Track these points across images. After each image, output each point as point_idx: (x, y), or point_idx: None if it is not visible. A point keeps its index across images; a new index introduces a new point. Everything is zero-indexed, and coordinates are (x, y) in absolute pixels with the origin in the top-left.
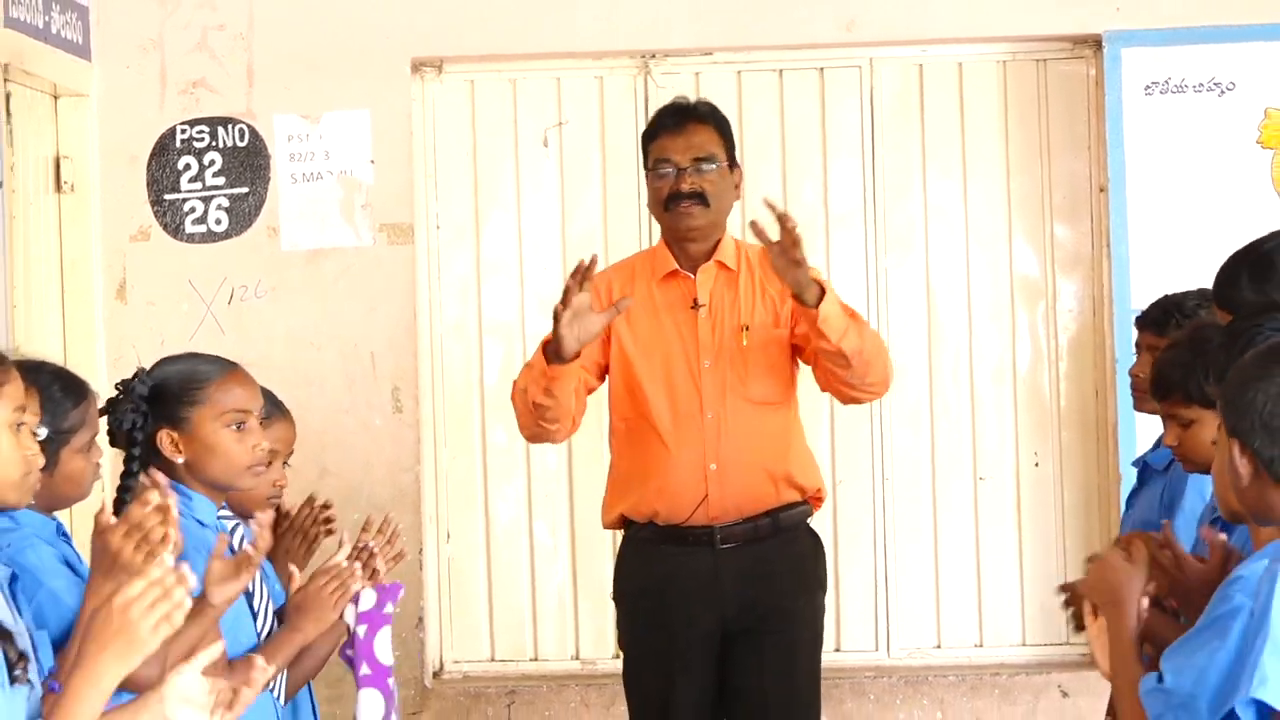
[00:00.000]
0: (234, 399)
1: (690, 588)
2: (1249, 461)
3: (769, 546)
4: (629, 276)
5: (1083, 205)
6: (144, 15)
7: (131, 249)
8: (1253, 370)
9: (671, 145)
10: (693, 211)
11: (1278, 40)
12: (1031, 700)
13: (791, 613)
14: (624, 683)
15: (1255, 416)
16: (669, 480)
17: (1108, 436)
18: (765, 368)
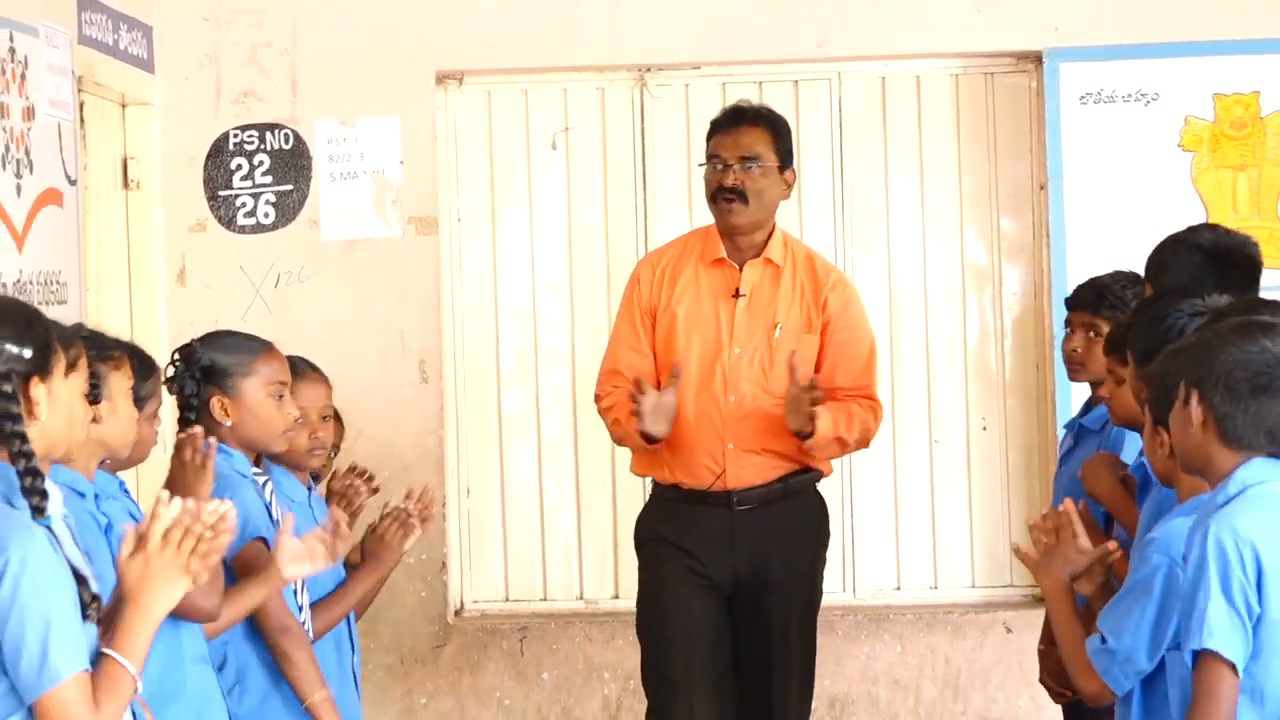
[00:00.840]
0: (275, 372)
1: (707, 541)
2: (1203, 412)
3: (780, 508)
4: (679, 255)
5: (1025, 201)
6: (201, 33)
7: (190, 239)
8: (1231, 335)
9: (722, 143)
10: (733, 208)
11: (1196, 56)
12: (980, 635)
13: (797, 567)
14: (637, 621)
15: (1222, 374)
16: (691, 456)
17: (1047, 404)
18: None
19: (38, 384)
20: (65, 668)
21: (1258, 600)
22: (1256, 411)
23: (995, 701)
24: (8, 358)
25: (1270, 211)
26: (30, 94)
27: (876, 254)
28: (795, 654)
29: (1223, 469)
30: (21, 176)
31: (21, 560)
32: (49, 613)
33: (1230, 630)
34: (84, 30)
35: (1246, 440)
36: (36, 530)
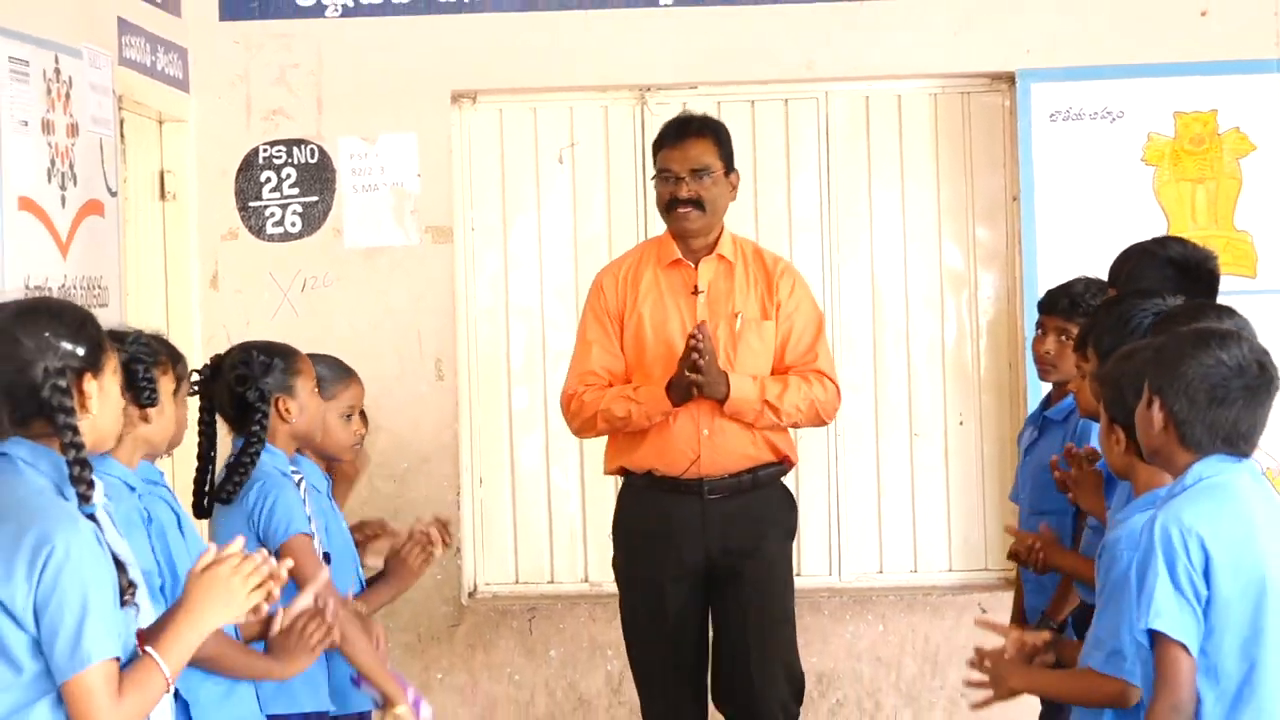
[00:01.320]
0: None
1: (680, 529)
2: (1164, 417)
3: (748, 498)
4: (637, 262)
5: (999, 212)
6: (233, 55)
7: (222, 247)
8: (1189, 347)
9: (672, 156)
10: (689, 215)
11: (1158, 77)
12: (956, 615)
13: (765, 554)
14: (621, 611)
15: (1182, 385)
16: (668, 442)
17: (1019, 400)
18: (752, 350)
19: (90, 380)
20: (95, 653)
21: (1205, 585)
22: (1213, 420)
23: (971, 677)
24: (63, 354)
25: (1227, 221)
26: (74, 112)
27: (861, 261)
28: (771, 640)
29: (1181, 466)
30: (66, 188)
31: (66, 550)
32: (86, 601)
33: (1177, 613)
34: (124, 52)
35: (1203, 444)
36: (82, 522)
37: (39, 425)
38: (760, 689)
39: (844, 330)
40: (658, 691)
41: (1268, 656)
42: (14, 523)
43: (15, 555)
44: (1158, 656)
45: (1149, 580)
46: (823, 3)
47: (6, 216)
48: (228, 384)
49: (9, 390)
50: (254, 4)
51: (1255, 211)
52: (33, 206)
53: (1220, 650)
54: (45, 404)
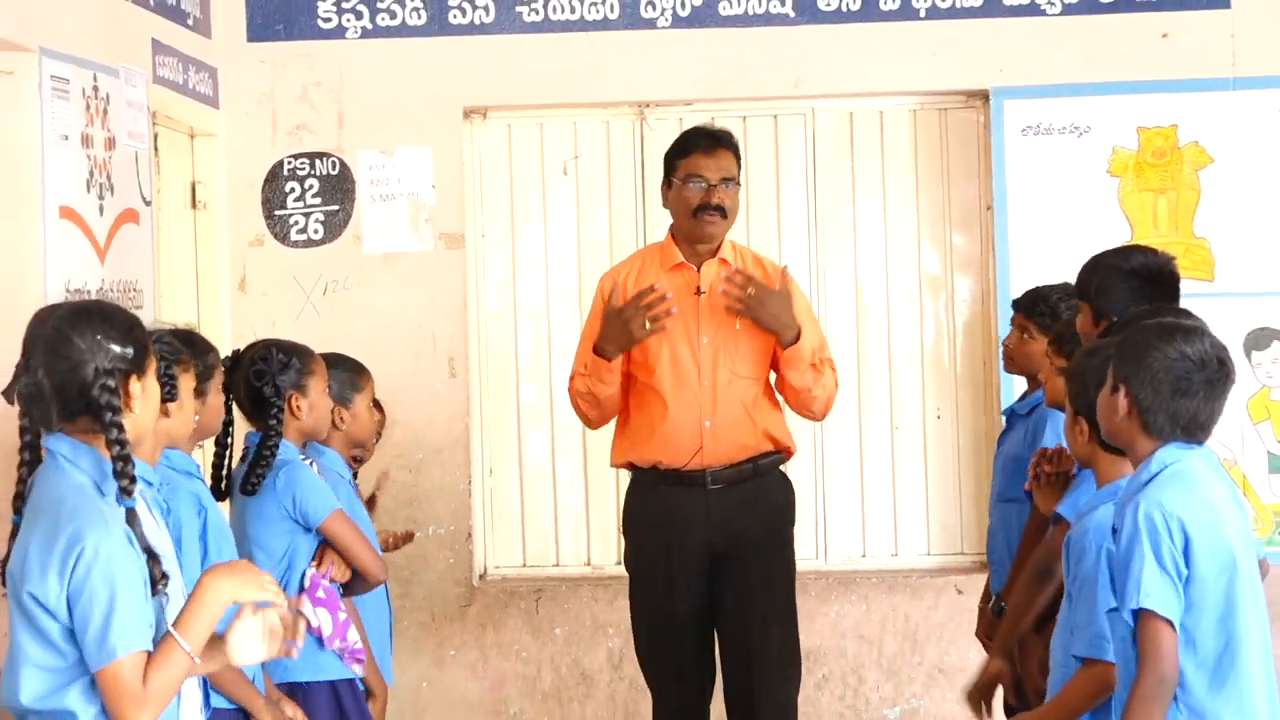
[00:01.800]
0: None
1: (685, 520)
2: (1129, 404)
3: (749, 487)
4: (640, 267)
5: (974, 220)
6: (259, 74)
7: (250, 253)
8: (1155, 339)
9: (705, 164)
10: (715, 220)
11: (1122, 94)
12: (934, 596)
13: (767, 541)
14: (630, 599)
15: (1148, 375)
16: (671, 434)
17: (992, 396)
18: (751, 348)
19: (135, 381)
20: (122, 646)
21: (1185, 563)
22: (1175, 409)
23: (948, 654)
24: (113, 356)
25: (1186, 229)
26: (111, 126)
27: (845, 265)
28: (774, 622)
29: (1142, 452)
30: (104, 198)
31: (95, 549)
32: (114, 597)
33: (1163, 591)
34: (158, 71)
35: (1164, 432)
36: (113, 522)
37: (85, 421)
38: (764, 669)
39: (829, 330)
40: (670, 676)
41: (1242, 629)
42: (51, 520)
43: (50, 554)
44: (1144, 633)
45: (1135, 562)
46: (810, 25)
47: (49, 224)
48: (246, 377)
49: (60, 387)
50: (279, 26)
51: (1213, 220)
52: (73, 215)
53: (1199, 625)
54: (94, 402)
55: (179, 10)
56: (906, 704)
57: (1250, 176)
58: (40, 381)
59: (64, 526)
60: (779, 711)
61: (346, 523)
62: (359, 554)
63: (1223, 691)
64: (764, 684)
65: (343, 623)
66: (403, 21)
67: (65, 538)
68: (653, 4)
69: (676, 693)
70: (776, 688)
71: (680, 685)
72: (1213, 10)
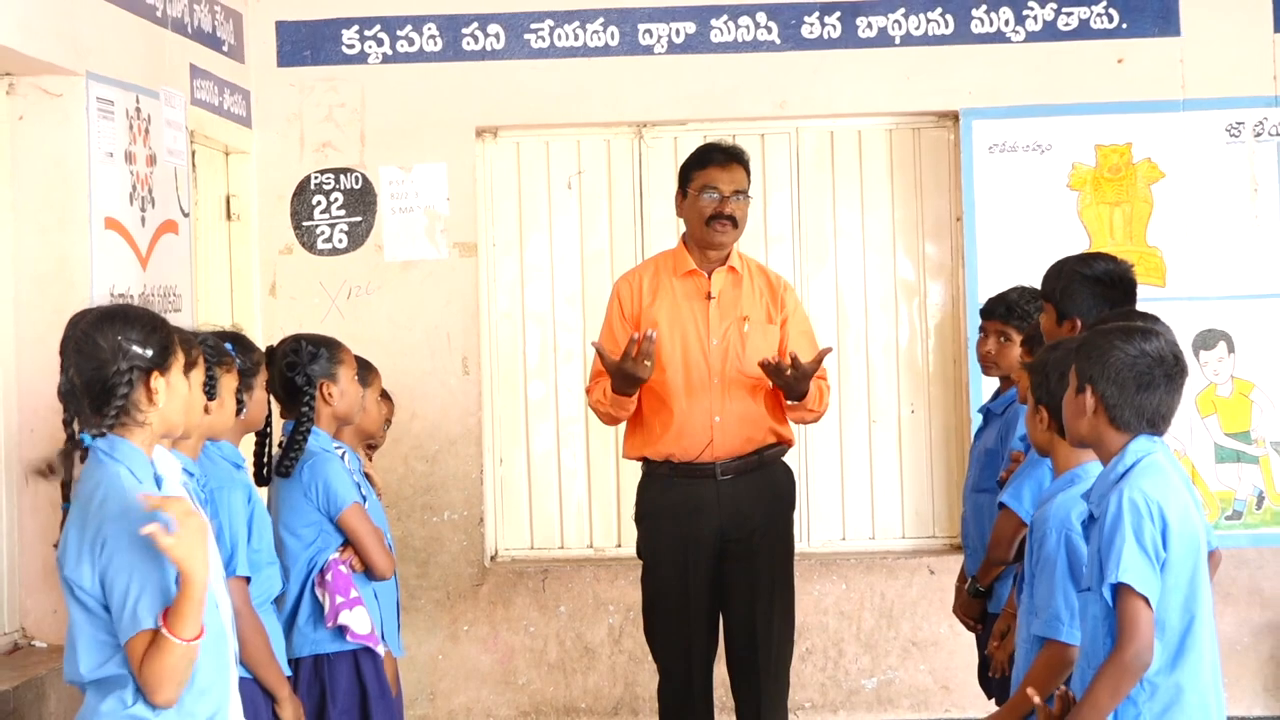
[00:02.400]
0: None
1: (698, 509)
2: (1095, 402)
3: (756, 476)
4: (655, 271)
5: (945, 230)
6: (288, 97)
7: (280, 260)
8: (1115, 339)
9: (720, 176)
10: (727, 229)
11: (1081, 115)
12: (909, 576)
13: (771, 525)
14: (642, 584)
15: (1112, 373)
16: (684, 429)
17: (962, 392)
18: (756, 350)
19: (157, 377)
20: (146, 619)
21: (1164, 548)
22: (1140, 403)
23: (921, 629)
24: (133, 356)
25: (1140, 238)
26: (153, 144)
27: (826, 272)
28: (777, 599)
29: (1113, 446)
30: (146, 210)
31: (115, 540)
32: (138, 574)
33: (1142, 569)
34: (195, 94)
35: (1131, 425)
36: (134, 511)
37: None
38: (767, 643)
39: None
40: (679, 652)
41: (1202, 610)
42: (84, 510)
43: (83, 544)
44: (1123, 609)
45: (1117, 543)
46: (794, 52)
47: (95, 234)
48: (280, 370)
49: (88, 385)
50: (307, 52)
51: (1164, 230)
52: (117, 226)
53: (1167, 606)
54: (114, 397)
55: (215, 38)
56: (883, 675)
57: (1199, 190)
58: (73, 380)
59: (94, 519)
60: (778, 683)
61: (360, 518)
62: (368, 548)
63: (1184, 666)
64: (766, 657)
65: (338, 605)
66: (420, 48)
67: (93, 528)
68: (649, 31)
69: (684, 669)
70: (777, 661)
71: (688, 663)
72: (1164, 38)
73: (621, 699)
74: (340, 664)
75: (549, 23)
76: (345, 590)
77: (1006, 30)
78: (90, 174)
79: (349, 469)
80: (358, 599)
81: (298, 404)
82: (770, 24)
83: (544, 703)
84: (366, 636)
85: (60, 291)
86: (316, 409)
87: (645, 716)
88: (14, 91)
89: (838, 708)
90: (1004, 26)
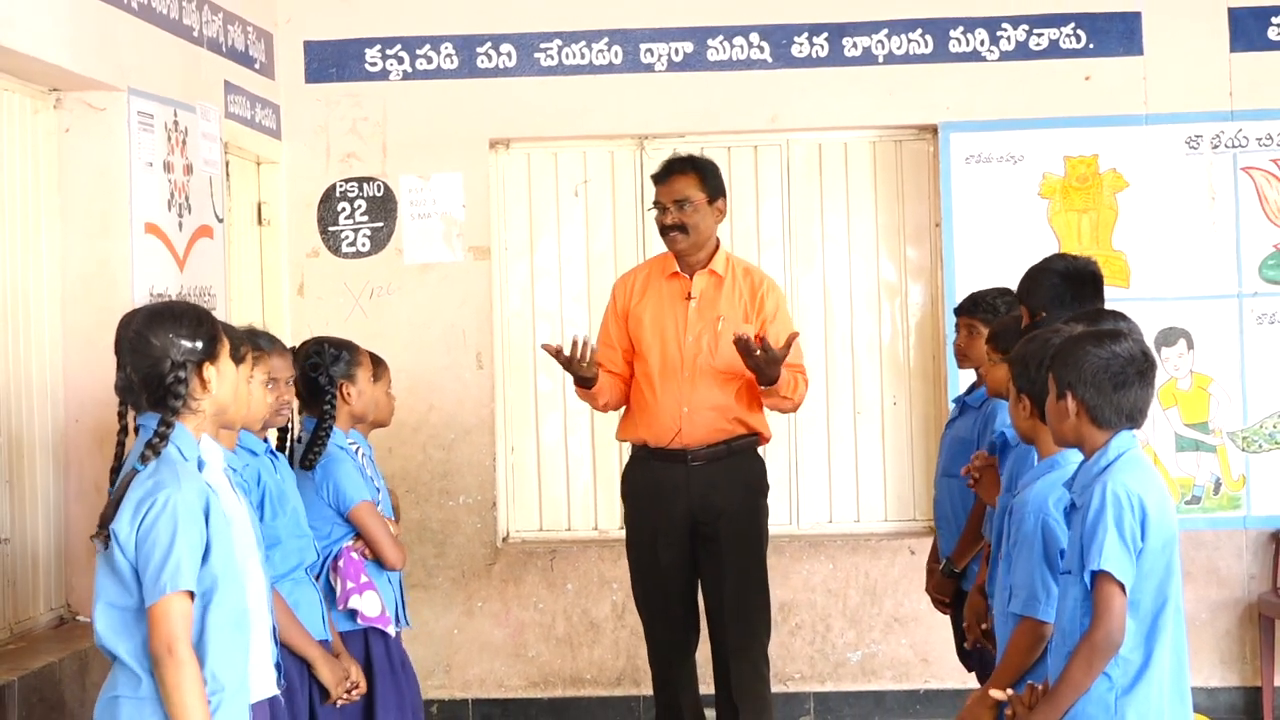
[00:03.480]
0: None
1: (670, 490)
2: (1077, 406)
3: (724, 464)
4: (647, 273)
5: (925, 235)
6: (315, 111)
7: (307, 263)
8: (1088, 345)
9: (660, 191)
10: (676, 238)
11: (1051, 128)
12: (891, 556)
13: (739, 511)
14: (627, 553)
15: (1088, 376)
16: (656, 417)
17: (941, 385)
18: (729, 347)
19: (209, 367)
20: (170, 584)
21: (1141, 537)
22: (1118, 402)
23: (902, 605)
24: (184, 351)
25: (1106, 243)
26: (189, 155)
27: (815, 273)
28: (750, 581)
29: (1095, 444)
30: (182, 216)
31: (164, 503)
32: (171, 543)
33: (1120, 558)
34: (229, 108)
35: (1112, 422)
36: (184, 483)
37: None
38: (737, 620)
39: (801, 328)
40: (659, 620)
41: (1174, 593)
42: (142, 479)
43: (128, 505)
44: (1100, 593)
45: (1099, 532)
46: (785, 69)
47: (136, 238)
48: (302, 370)
49: (146, 381)
50: (332, 69)
51: (1128, 236)
52: (156, 230)
53: (1141, 590)
54: (170, 391)
55: (248, 56)
56: (867, 648)
57: (1160, 199)
58: (130, 376)
59: (144, 486)
60: (750, 661)
61: (370, 515)
62: (378, 542)
63: (1156, 643)
64: (736, 634)
65: (348, 590)
66: (438, 66)
67: (141, 492)
68: (650, 50)
69: (666, 631)
70: (748, 637)
71: (668, 626)
72: (1128, 57)
73: (624, 670)
74: (350, 643)
75: (557, 42)
76: (356, 576)
77: (982, 50)
78: (131, 182)
79: (360, 463)
80: (368, 584)
81: (319, 402)
82: (763, 44)
83: (552, 674)
84: (377, 619)
85: (103, 291)
86: (337, 407)
87: (647, 687)
88: (61, 106)
89: (825, 679)
90: (979, 46)
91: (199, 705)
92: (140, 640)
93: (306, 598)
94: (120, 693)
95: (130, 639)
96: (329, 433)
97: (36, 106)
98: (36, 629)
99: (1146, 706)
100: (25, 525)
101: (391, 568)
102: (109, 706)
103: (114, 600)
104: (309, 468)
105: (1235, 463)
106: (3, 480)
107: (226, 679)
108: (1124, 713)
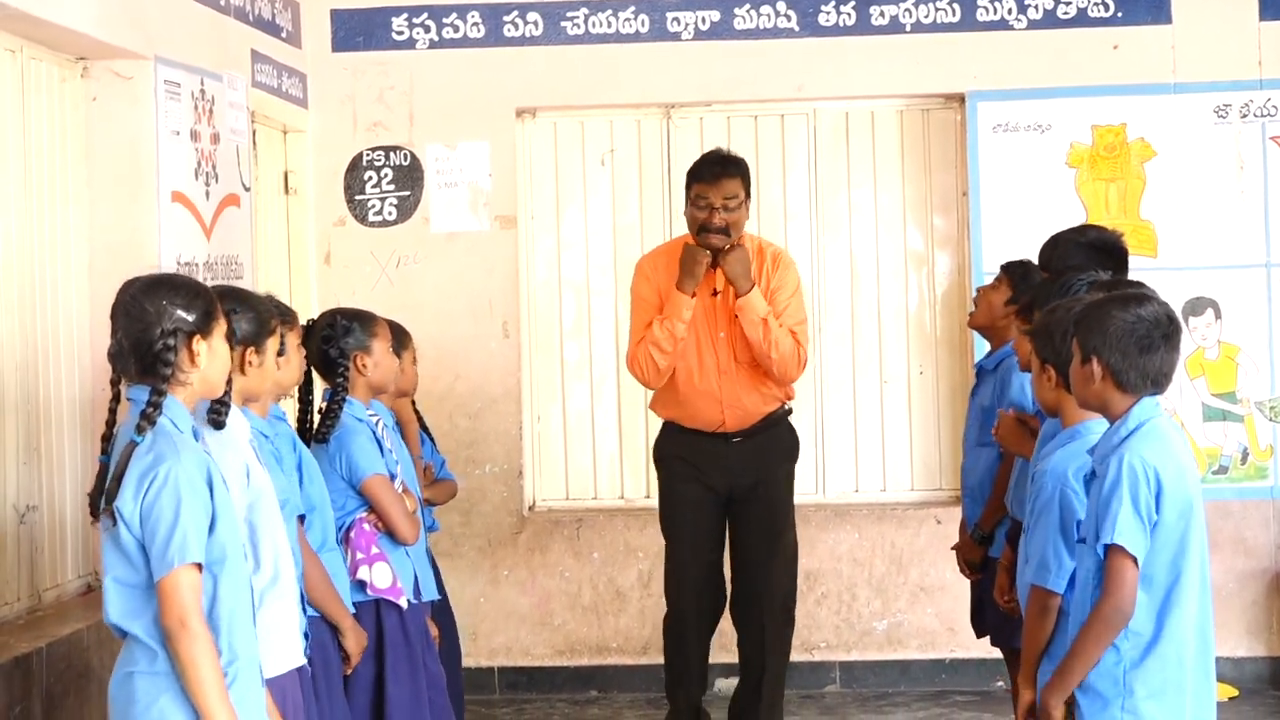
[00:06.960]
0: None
1: (709, 462)
2: (1102, 370)
3: (762, 438)
4: (668, 261)
5: (952, 204)
6: (342, 79)
7: (334, 232)
8: (1112, 308)
9: (710, 191)
10: (719, 239)
11: (1078, 97)
12: (917, 525)
13: (775, 479)
14: (660, 521)
15: (1114, 340)
16: (699, 411)
17: (966, 355)
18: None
19: (199, 341)
20: (178, 558)
21: (1156, 510)
22: (1143, 365)
23: (928, 575)
24: (176, 320)
25: (1134, 213)
26: (216, 124)
27: (841, 243)
28: (780, 543)
29: (1119, 409)
30: (210, 185)
31: (165, 477)
32: (176, 517)
33: (1134, 531)
34: (256, 77)
35: (1137, 386)
36: (184, 455)
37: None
38: (766, 584)
39: (828, 298)
40: (688, 586)
41: (1189, 567)
42: (142, 453)
43: (130, 481)
44: (1111, 565)
45: (1114, 504)
46: (811, 38)
47: (163, 207)
48: (317, 343)
49: (135, 347)
50: (359, 38)
51: (1156, 205)
52: (183, 199)
53: (1155, 564)
54: (158, 358)
55: (274, 25)
56: (893, 618)
57: (1188, 168)
58: (121, 343)
59: (145, 460)
60: (779, 595)
61: (383, 488)
62: (391, 516)
63: (1168, 617)
64: (769, 573)
65: (358, 561)
66: (464, 34)
67: (144, 465)
68: (677, 19)
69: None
70: (782, 574)
71: (696, 597)
72: (1156, 25)
73: (650, 639)
74: (362, 614)
75: (584, 10)
76: (367, 548)
77: (1009, 18)
78: (158, 151)
79: (380, 435)
80: (379, 555)
81: (334, 375)
82: (790, 12)
83: (578, 642)
84: (388, 590)
85: (131, 260)
86: (352, 379)
87: None
88: (88, 75)
89: (850, 648)
90: (1007, 15)
91: (215, 677)
92: (152, 616)
93: (334, 566)
94: (136, 668)
95: (142, 615)
96: (342, 406)
97: (64, 75)
98: (64, 596)
99: (1156, 680)
100: (53, 493)
101: (404, 542)
102: (124, 682)
103: (123, 577)
104: (323, 440)
105: (1263, 432)
106: (30, 449)
107: (240, 649)
108: (1131, 686)
